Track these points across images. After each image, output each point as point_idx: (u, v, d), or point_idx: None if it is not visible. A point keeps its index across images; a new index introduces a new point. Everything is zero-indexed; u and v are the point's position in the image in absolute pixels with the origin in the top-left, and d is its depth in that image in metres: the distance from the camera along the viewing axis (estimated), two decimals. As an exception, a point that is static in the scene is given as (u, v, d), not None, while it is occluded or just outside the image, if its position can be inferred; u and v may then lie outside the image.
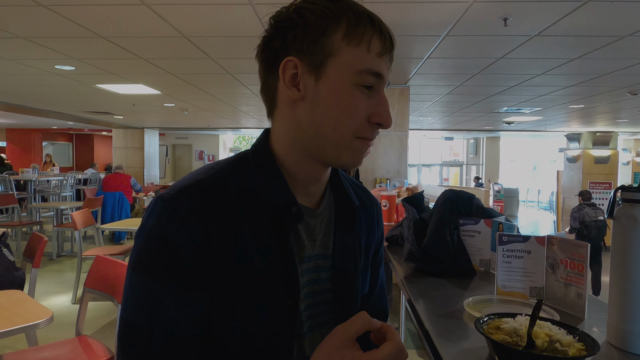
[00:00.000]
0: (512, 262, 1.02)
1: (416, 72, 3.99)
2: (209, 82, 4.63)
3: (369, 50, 0.61)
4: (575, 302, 0.92)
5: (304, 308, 0.68)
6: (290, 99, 0.63)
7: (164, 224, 0.58)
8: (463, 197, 1.32)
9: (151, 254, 0.58)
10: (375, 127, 0.64)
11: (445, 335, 0.84)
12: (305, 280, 0.69)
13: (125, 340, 0.58)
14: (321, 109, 0.62)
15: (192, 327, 0.59)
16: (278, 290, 0.63)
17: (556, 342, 0.66)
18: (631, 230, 0.72)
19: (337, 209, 0.75)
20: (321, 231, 0.72)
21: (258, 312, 0.62)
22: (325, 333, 0.73)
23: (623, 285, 0.74)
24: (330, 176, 0.75)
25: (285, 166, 0.67)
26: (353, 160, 0.65)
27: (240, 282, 0.60)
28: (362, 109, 0.62)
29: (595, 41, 2.91)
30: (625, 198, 0.75)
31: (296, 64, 0.61)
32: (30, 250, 2.68)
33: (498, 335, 0.70)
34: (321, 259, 0.71)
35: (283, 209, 0.64)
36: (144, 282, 0.58)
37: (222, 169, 0.65)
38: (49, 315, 1.76)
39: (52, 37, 3.00)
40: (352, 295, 0.75)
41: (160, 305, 0.57)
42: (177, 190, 0.61)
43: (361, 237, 0.78)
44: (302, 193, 0.69)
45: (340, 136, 0.62)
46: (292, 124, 0.65)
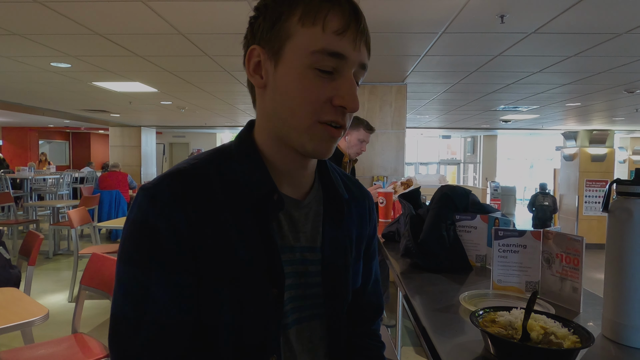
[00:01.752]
0: (507, 257, 1.02)
1: (413, 70, 3.98)
2: (206, 79, 4.61)
3: (324, 28, 0.58)
4: (570, 296, 0.92)
5: (289, 299, 0.68)
6: (258, 87, 0.64)
7: (144, 211, 0.58)
8: (459, 193, 1.33)
9: (134, 241, 0.58)
10: (340, 111, 0.61)
11: (441, 329, 0.84)
12: (289, 271, 0.68)
13: (114, 331, 0.58)
14: (279, 94, 0.61)
15: (180, 313, 0.59)
16: (263, 279, 0.63)
17: (551, 334, 0.66)
18: (626, 224, 0.73)
19: (326, 202, 0.74)
20: (307, 223, 0.71)
21: (244, 300, 0.61)
22: (314, 327, 0.72)
23: (618, 279, 0.74)
24: (319, 168, 0.75)
25: (266, 155, 0.67)
26: (316, 147, 0.62)
27: (225, 270, 0.60)
28: (322, 92, 0.59)
29: (592, 39, 2.92)
30: (620, 191, 0.75)
31: (259, 52, 0.62)
32: (26, 248, 2.67)
33: (493, 328, 0.70)
34: (308, 251, 0.71)
35: (264, 197, 0.64)
36: (129, 271, 0.58)
37: (204, 159, 0.66)
38: (45, 313, 1.75)
39: (48, 34, 2.99)
40: (343, 289, 0.75)
41: (148, 292, 0.57)
42: (157, 179, 0.61)
43: (352, 231, 0.78)
44: (286, 183, 0.69)
45: (299, 121, 0.60)
46: (264, 112, 0.65)
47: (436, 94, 5.32)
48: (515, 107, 6.29)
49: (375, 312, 0.91)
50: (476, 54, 3.41)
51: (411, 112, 7.11)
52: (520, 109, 6.53)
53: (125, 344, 0.57)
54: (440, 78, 4.43)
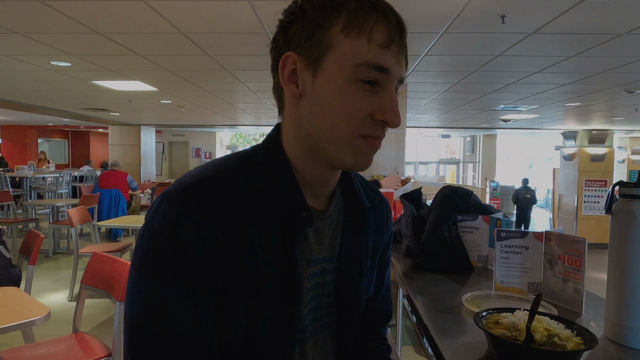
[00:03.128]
0: (510, 258, 1.02)
1: (413, 70, 3.99)
2: (206, 79, 4.61)
3: (370, 41, 0.56)
4: (572, 298, 0.93)
5: (308, 312, 0.67)
6: (292, 96, 0.61)
7: (171, 223, 0.55)
8: (461, 194, 1.33)
9: (158, 255, 0.55)
10: (381, 125, 0.59)
11: (443, 330, 0.84)
12: (312, 285, 0.67)
13: (135, 345, 0.56)
14: (318, 106, 0.58)
15: (203, 330, 0.57)
16: (280, 297, 0.61)
17: (555, 336, 0.67)
18: (629, 226, 0.73)
19: (347, 210, 0.72)
20: (329, 234, 0.69)
21: (261, 317, 0.60)
22: (327, 335, 0.72)
23: (620, 280, 0.75)
24: (342, 178, 0.72)
25: (295, 165, 0.64)
26: (358, 161, 0.60)
27: (246, 287, 0.58)
28: (364, 106, 0.57)
29: (592, 39, 2.92)
30: (623, 194, 0.75)
31: (295, 59, 0.59)
32: (26, 247, 2.67)
33: (497, 330, 0.70)
34: (327, 261, 0.69)
35: (293, 212, 0.61)
36: (151, 285, 0.55)
37: (231, 166, 0.62)
38: (46, 312, 1.75)
39: (48, 33, 2.98)
40: (356, 298, 0.73)
41: (170, 309, 0.55)
42: (183, 186, 0.58)
43: (369, 239, 0.76)
44: (310, 195, 0.66)
45: (340, 135, 0.58)
46: (296, 122, 0.62)
47: (436, 93, 5.33)
48: (515, 106, 6.30)
49: (384, 318, 0.90)
50: (477, 53, 3.41)
51: (411, 112, 7.12)
52: (520, 109, 6.54)
53: (148, 357, 0.55)
54: (440, 78, 4.43)
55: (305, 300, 0.65)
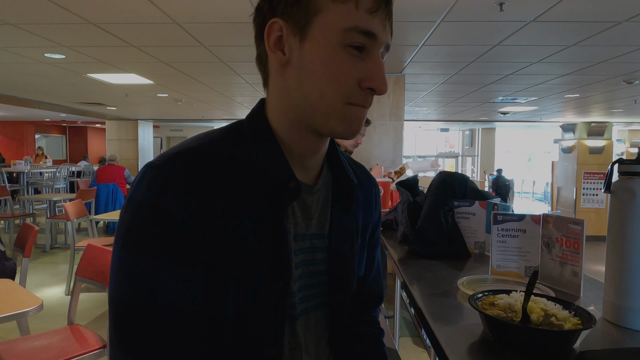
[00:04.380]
0: (506, 242, 1.00)
1: (411, 60, 3.95)
2: (203, 71, 4.57)
3: (357, 6, 0.55)
4: (570, 281, 0.91)
5: (298, 289, 0.65)
6: (279, 64, 0.60)
7: (155, 193, 0.53)
8: (458, 179, 1.31)
9: (142, 226, 0.53)
10: (368, 93, 0.58)
11: (439, 314, 0.82)
12: (300, 260, 0.66)
13: (120, 323, 0.54)
14: (307, 73, 0.57)
15: (193, 304, 0.55)
16: (269, 271, 0.60)
17: (552, 316, 0.65)
18: (628, 204, 0.71)
19: (335, 187, 0.71)
20: (317, 209, 0.68)
21: (250, 292, 0.58)
22: (319, 316, 0.70)
23: (619, 260, 0.73)
24: (329, 152, 0.72)
25: (281, 137, 0.63)
26: (347, 128, 0.59)
27: (235, 260, 0.57)
28: (352, 73, 0.56)
29: (592, 27, 2.89)
30: (622, 171, 0.73)
31: (281, 25, 0.57)
32: (21, 241, 2.65)
33: (492, 311, 0.68)
34: (317, 238, 0.68)
35: (280, 184, 0.60)
36: (135, 258, 0.53)
37: (215, 138, 0.61)
38: (39, 303, 1.73)
39: (41, 24, 2.94)
40: (348, 277, 0.72)
41: (157, 283, 0.53)
42: (168, 157, 0.56)
43: (358, 217, 0.75)
44: (298, 167, 0.65)
45: (329, 103, 0.57)
46: (282, 92, 0.61)
47: (434, 85, 5.29)
48: (513, 98, 6.27)
49: (376, 301, 0.90)
50: (475, 43, 3.38)
51: (409, 104, 7.09)
52: (519, 101, 6.51)
53: (137, 335, 0.53)
54: (438, 69, 4.40)
55: (294, 275, 0.64)
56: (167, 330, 0.53)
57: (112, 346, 0.54)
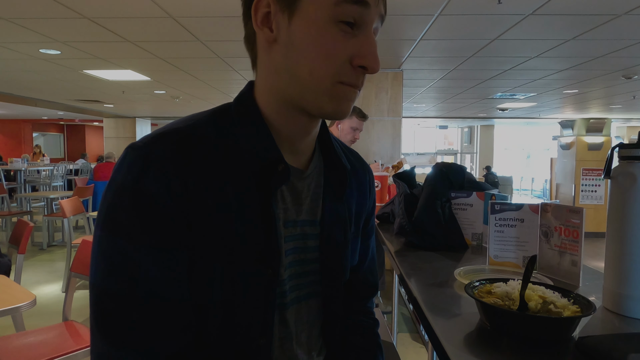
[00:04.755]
0: (504, 232, 0.99)
1: (409, 55, 3.93)
2: (199, 67, 4.54)
3: None
4: (569, 270, 0.89)
5: (288, 277, 0.63)
6: (266, 41, 0.58)
7: (136, 175, 0.51)
8: (455, 170, 1.29)
9: (122, 210, 0.51)
10: (360, 72, 0.56)
11: (435, 304, 0.80)
12: (290, 247, 0.64)
13: (101, 310, 0.51)
14: (296, 51, 0.55)
15: (176, 290, 0.53)
16: (257, 257, 0.58)
17: (550, 304, 0.63)
18: (629, 189, 0.69)
19: (327, 172, 0.69)
20: (308, 195, 0.66)
21: (237, 279, 0.56)
22: (312, 305, 0.68)
23: (619, 248, 0.71)
24: (321, 137, 0.70)
25: (269, 119, 0.61)
26: (336, 108, 0.57)
27: (218, 245, 0.55)
28: (343, 50, 0.54)
29: (590, 20, 2.87)
30: (623, 155, 0.71)
31: (269, 1, 0.55)
32: (16, 237, 2.63)
33: (489, 299, 0.67)
34: (308, 225, 0.66)
35: (268, 167, 0.58)
36: (116, 243, 0.51)
37: (201, 119, 0.59)
38: (32, 299, 1.71)
39: (35, 18, 2.91)
40: (341, 266, 0.71)
41: (138, 268, 0.51)
42: (150, 138, 0.54)
43: (352, 204, 0.73)
44: (288, 150, 0.63)
45: (318, 81, 0.55)
46: (270, 70, 0.59)
47: (433, 81, 5.27)
48: (512, 94, 6.25)
49: (371, 291, 0.88)
50: (473, 37, 3.35)
51: (408, 101, 7.06)
52: (518, 97, 6.49)
53: (118, 322, 0.51)
54: (436, 64, 4.37)
55: (284, 263, 0.62)
56: (148, 317, 0.51)
57: (92, 334, 0.52)
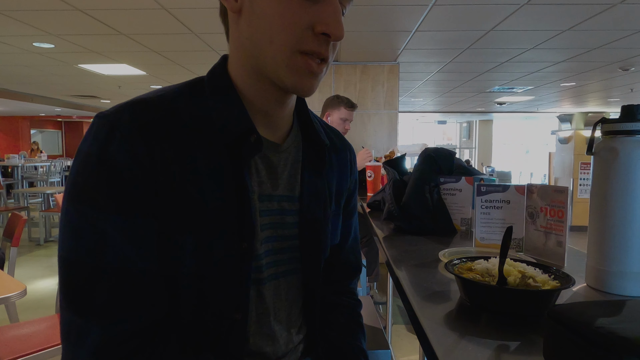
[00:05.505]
0: (490, 214, 0.98)
1: (405, 48, 3.91)
2: (195, 60, 4.52)
3: None
4: (554, 251, 0.88)
5: (265, 253, 0.63)
6: (232, 11, 0.57)
7: (101, 143, 0.51)
8: (444, 155, 1.28)
9: (88, 178, 0.51)
10: (322, 39, 0.55)
11: (417, 282, 0.80)
12: (267, 222, 0.63)
13: (67, 281, 0.51)
14: (257, 18, 0.55)
15: (143, 260, 0.52)
16: (231, 229, 0.57)
17: (529, 278, 0.62)
18: (611, 164, 0.68)
19: (305, 148, 0.68)
20: (286, 170, 0.66)
21: (209, 251, 0.56)
22: (291, 282, 0.68)
23: (602, 223, 0.70)
24: (298, 111, 0.69)
25: (242, 91, 0.60)
26: (297, 81, 0.56)
27: (189, 215, 0.54)
28: (303, 16, 0.53)
29: (586, 10, 2.85)
30: (606, 131, 0.70)
31: None
32: (9, 230, 2.62)
33: (469, 275, 0.66)
34: (286, 200, 0.65)
35: (240, 137, 0.58)
36: (82, 212, 0.50)
37: (172, 91, 0.59)
38: (22, 289, 1.70)
39: (28, 11, 2.89)
40: (320, 242, 0.70)
41: (105, 236, 0.50)
42: (117, 107, 0.54)
43: (332, 182, 0.73)
44: (263, 123, 0.62)
45: (278, 49, 0.54)
46: (238, 42, 0.59)
47: (429, 74, 5.25)
48: (510, 87, 6.23)
49: (354, 271, 0.88)
50: (468, 28, 3.34)
51: (405, 95, 7.05)
52: (515, 90, 6.48)
53: (84, 293, 0.50)
54: (432, 56, 4.36)
55: (259, 237, 0.61)
56: (113, 287, 0.51)
57: (61, 307, 0.51)
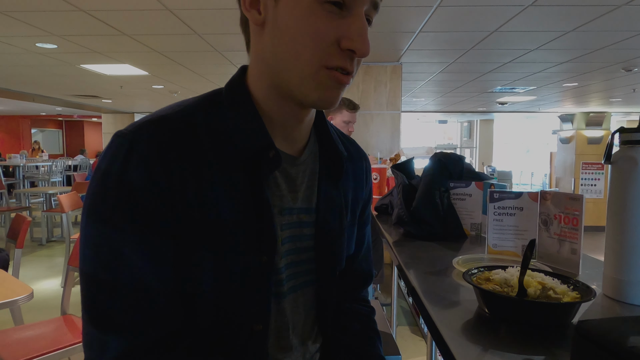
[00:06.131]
0: (503, 220, 0.98)
1: (408, 48, 3.91)
2: (197, 60, 4.52)
3: None
4: (569, 259, 0.88)
5: (285, 266, 0.63)
6: (255, 24, 0.56)
7: (119, 162, 0.51)
8: (454, 159, 1.28)
9: (106, 196, 0.51)
10: (347, 55, 0.54)
11: (433, 291, 0.79)
12: (287, 236, 0.63)
13: (88, 295, 0.52)
14: (281, 33, 0.54)
15: (159, 279, 0.52)
16: (251, 244, 0.57)
17: (549, 289, 0.62)
18: (630, 174, 0.68)
19: (323, 159, 0.68)
20: (304, 182, 0.65)
21: (229, 267, 0.55)
22: (307, 294, 0.67)
23: (620, 233, 0.70)
24: (316, 123, 0.68)
25: (261, 105, 0.60)
26: (322, 96, 0.55)
27: (207, 233, 0.54)
28: (329, 31, 0.52)
29: (590, 11, 2.85)
30: (624, 140, 0.70)
31: None
32: (14, 232, 2.61)
33: (488, 285, 0.66)
34: (304, 213, 0.65)
35: (258, 153, 0.57)
36: (100, 230, 0.51)
37: (190, 106, 0.58)
38: (29, 292, 1.70)
39: (30, 12, 2.89)
40: (336, 254, 0.70)
41: (121, 255, 0.51)
42: (136, 126, 0.54)
43: (348, 192, 0.73)
44: (281, 137, 0.62)
45: (304, 65, 0.53)
46: (260, 55, 0.58)
47: (432, 74, 5.25)
48: (512, 88, 6.22)
49: (366, 279, 0.87)
50: (472, 29, 3.33)
51: (407, 95, 7.04)
52: (517, 90, 6.47)
53: (102, 307, 0.51)
54: (435, 57, 4.35)
55: (280, 251, 0.61)
56: (131, 304, 0.51)
57: (83, 320, 0.52)
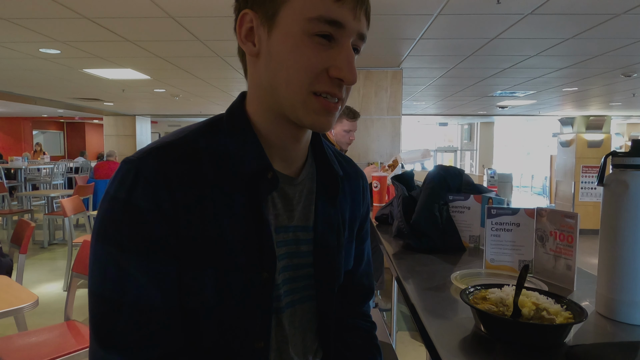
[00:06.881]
0: (500, 236, 1.00)
1: (409, 54, 3.93)
2: (199, 65, 4.54)
3: None
4: (564, 274, 0.90)
5: (282, 282, 0.66)
6: (250, 55, 0.60)
7: (127, 188, 0.55)
8: (453, 173, 1.30)
9: (114, 220, 0.55)
10: (336, 83, 0.57)
11: (431, 308, 0.82)
12: (283, 252, 0.66)
13: (94, 313, 0.56)
14: (274, 62, 0.57)
15: (163, 298, 0.56)
16: (252, 262, 0.60)
17: (543, 310, 0.64)
18: (622, 197, 0.70)
19: (320, 178, 0.71)
20: (300, 201, 0.68)
21: (231, 284, 0.59)
22: (306, 309, 0.70)
23: (612, 253, 0.72)
24: (313, 144, 0.71)
25: (259, 129, 0.63)
26: (314, 121, 0.59)
27: (210, 252, 0.57)
28: (317, 61, 0.56)
29: (590, 19, 2.87)
30: (616, 164, 0.72)
31: (252, 17, 0.58)
32: (17, 237, 2.64)
33: (484, 305, 0.68)
34: (301, 231, 0.68)
35: (257, 175, 0.60)
36: (107, 250, 0.55)
37: (193, 132, 0.62)
38: (35, 299, 1.73)
39: (35, 19, 2.92)
40: (335, 270, 0.72)
41: (127, 276, 0.54)
42: (142, 152, 0.58)
43: (345, 210, 0.75)
44: (279, 159, 0.65)
45: (294, 92, 0.57)
46: (256, 83, 0.62)
47: (432, 79, 5.27)
48: (512, 92, 6.24)
49: (366, 294, 0.89)
50: (472, 36, 3.36)
51: (407, 99, 7.06)
52: (517, 95, 6.49)
53: (107, 325, 0.55)
54: (436, 62, 4.37)
55: (277, 267, 0.64)
56: (135, 323, 0.54)
57: (90, 337, 0.56)
